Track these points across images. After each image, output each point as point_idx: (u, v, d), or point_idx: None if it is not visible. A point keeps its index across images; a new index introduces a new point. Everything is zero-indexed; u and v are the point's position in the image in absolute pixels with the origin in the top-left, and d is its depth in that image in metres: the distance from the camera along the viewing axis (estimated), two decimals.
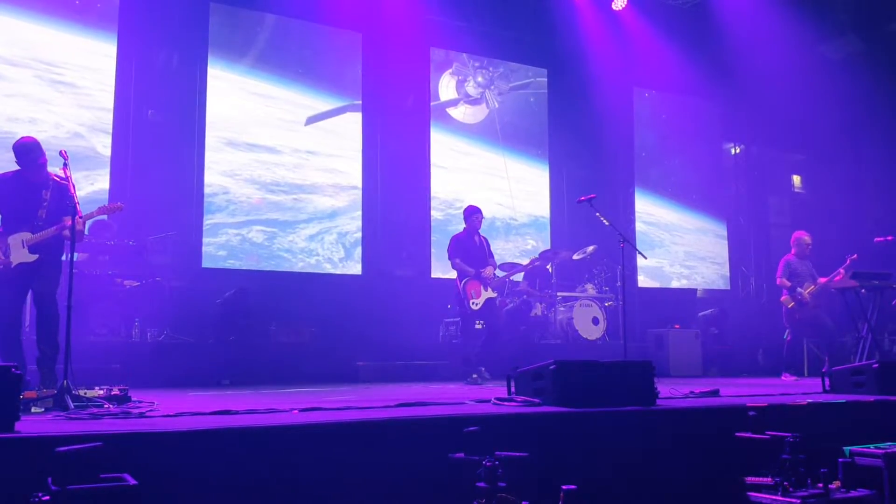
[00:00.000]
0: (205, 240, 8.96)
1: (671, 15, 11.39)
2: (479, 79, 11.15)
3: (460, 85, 11.03)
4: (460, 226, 8.16)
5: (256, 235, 9.27)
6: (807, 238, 8.25)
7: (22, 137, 5.12)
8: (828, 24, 11.03)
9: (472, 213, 7.80)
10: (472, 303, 7.53)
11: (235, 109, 9.34)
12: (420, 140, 10.52)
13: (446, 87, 10.92)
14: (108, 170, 8.44)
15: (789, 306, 8.00)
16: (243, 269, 9.07)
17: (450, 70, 10.96)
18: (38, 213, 5.02)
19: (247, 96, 9.45)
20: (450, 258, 7.75)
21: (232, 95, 9.33)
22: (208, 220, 9.01)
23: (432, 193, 10.51)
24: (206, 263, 8.92)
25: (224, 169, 9.17)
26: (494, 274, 7.86)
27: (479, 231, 7.84)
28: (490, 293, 7.63)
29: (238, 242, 9.16)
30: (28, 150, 5.02)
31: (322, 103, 9.84)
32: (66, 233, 4.82)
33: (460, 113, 10.99)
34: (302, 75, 9.76)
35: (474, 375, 7.24)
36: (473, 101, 11.08)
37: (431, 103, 10.72)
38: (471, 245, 7.72)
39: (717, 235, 12.80)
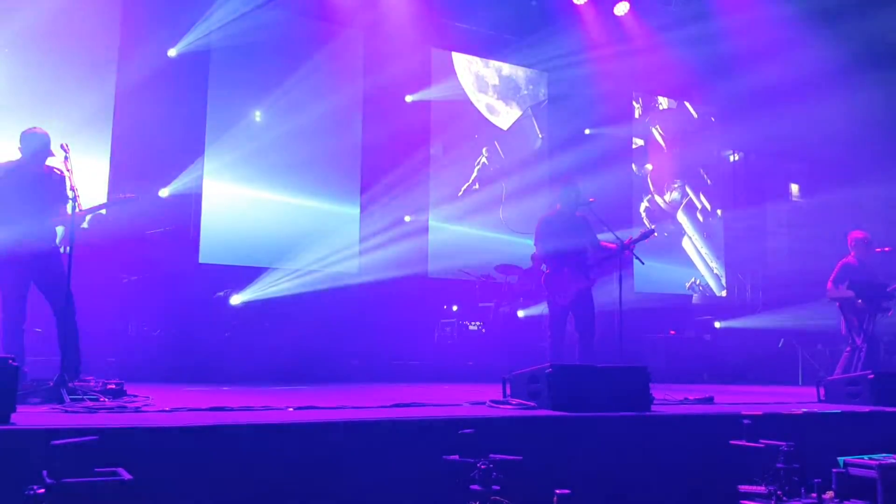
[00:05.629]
0: (202, 237, 8.94)
1: (672, 21, 11.41)
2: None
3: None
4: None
5: (253, 233, 9.24)
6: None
7: (33, 127, 5.08)
8: (828, 34, 11.05)
9: (569, 191, 6.71)
10: (559, 296, 6.47)
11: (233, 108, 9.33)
12: (420, 139, 10.53)
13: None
14: (107, 163, 8.42)
15: None
16: (240, 265, 9.05)
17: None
18: (39, 203, 4.99)
19: (244, 90, 9.44)
20: (535, 243, 6.79)
21: (232, 90, 9.32)
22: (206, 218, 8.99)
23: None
24: (203, 259, 8.90)
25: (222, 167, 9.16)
26: (589, 258, 6.64)
27: (577, 210, 6.69)
28: (582, 282, 6.48)
29: (236, 239, 9.15)
30: (37, 142, 4.99)
31: (323, 101, 9.82)
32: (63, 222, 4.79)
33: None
34: (302, 73, 9.73)
35: None
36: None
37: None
38: (562, 226, 6.63)
39: (711, 242, 12.83)
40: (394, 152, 10.19)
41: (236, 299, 8.31)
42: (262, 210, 9.35)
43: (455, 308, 9.80)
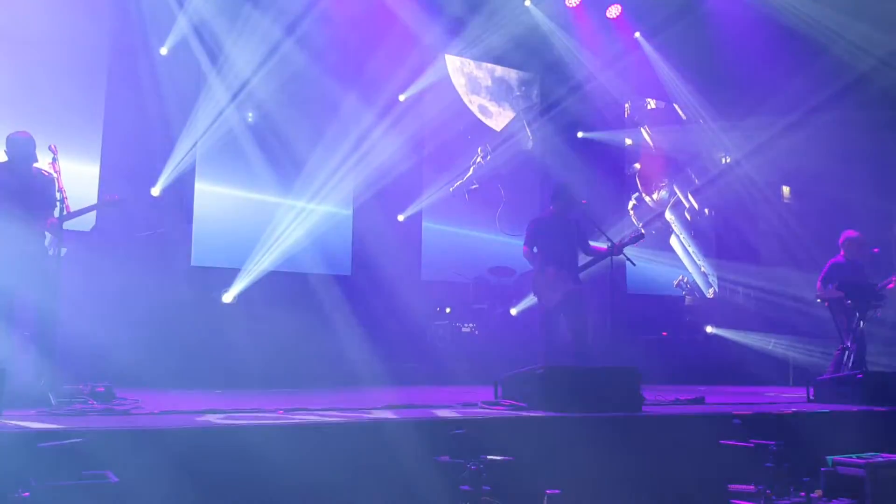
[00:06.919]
0: (194, 239, 8.90)
1: (664, 24, 11.44)
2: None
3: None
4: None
5: (246, 234, 9.20)
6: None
7: (18, 132, 5.05)
8: (819, 41, 11.10)
9: (561, 193, 6.67)
10: (547, 298, 6.36)
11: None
12: (413, 140, 10.51)
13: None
14: (98, 165, 8.38)
15: None
16: (233, 268, 9.01)
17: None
18: (27, 206, 4.96)
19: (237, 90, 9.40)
20: (524, 244, 6.66)
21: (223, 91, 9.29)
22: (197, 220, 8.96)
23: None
24: (195, 261, 8.86)
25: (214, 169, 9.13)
26: (577, 262, 6.57)
27: (569, 213, 6.63)
28: (571, 284, 6.35)
29: (226, 241, 9.11)
30: (23, 146, 4.96)
31: (316, 101, 9.79)
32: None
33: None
34: (295, 74, 9.71)
35: None
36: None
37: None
38: (552, 229, 6.54)
39: (699, 240, 12.87)
40: (387, 153, 10.16)
41: (227, 297, 8.29)
42: (255, 211, 9.31)
43: (448, 310, 9.79)
